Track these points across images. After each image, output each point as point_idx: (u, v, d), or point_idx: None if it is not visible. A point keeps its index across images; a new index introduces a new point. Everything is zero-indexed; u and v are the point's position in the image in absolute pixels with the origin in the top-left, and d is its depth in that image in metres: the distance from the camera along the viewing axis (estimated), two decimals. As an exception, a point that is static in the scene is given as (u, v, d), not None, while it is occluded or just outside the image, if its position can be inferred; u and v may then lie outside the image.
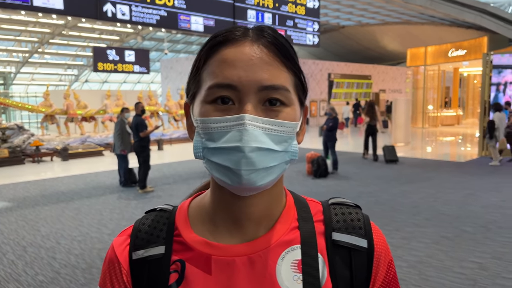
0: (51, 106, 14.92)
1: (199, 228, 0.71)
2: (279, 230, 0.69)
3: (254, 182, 0.61)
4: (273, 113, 0.63)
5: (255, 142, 0.60)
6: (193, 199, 0.78)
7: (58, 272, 4.33)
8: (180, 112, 18.39)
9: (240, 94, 0.62)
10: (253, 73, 0.62)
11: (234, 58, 0.62)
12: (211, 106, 0.63)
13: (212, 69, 0.64)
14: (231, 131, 0.61)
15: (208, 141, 0.63)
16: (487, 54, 12.68)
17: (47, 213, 6.62)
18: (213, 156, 0.63)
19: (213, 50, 0.65)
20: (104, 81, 31.31)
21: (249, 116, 0.60)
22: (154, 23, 8.53)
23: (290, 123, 0.64)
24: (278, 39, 0.65)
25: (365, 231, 0.71)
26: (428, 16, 21.07)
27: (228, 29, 0.67)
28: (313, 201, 0.76)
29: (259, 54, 0.63)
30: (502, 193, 7.41)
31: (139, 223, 0.75)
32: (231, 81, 0.61)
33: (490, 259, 4.41)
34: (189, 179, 9.27)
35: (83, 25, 20.22)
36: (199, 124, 0.64)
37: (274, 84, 0.62)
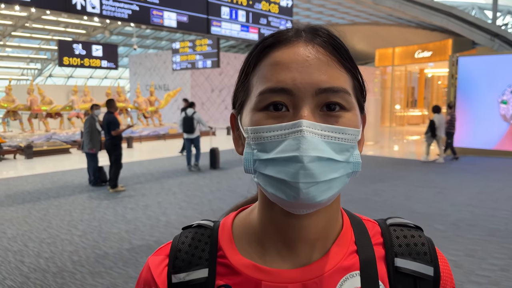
0: (13, 102, 14.31)
1: (245, 249, 0.64)
2: (336, 254, 0.63)
3: (313, 197, 0.54)
4: (332, 118, 0.56)
5: (314, 151, 0.53)
6: (236, 214, 0.70)
7: (27, 277, 4.14)
8: (150, 109, 18.05)
9: (295, 99, 0.56)
10: (309, 74, 0.56)
11: (288, 59, 0.57)
12: (263, 113, 0.57)
13: (263, 73, 0.58)
14: (286, 139, 0.54)
15: (260, 152, 0.57)
16: (452, 55, 13.08)
17: (13, 214, 6.33)
18: (266, 168, 0.56)
19: (264, 53, 0.59)
20: (69, 76, 30.38)
21: (306, 122, 0.54)
22: (125, 17, 8.28)
23: (352, 130, 0.57)
24: (334, 38, 0.60)
25: (430, 257, 0.64)
26: (396, 18, 21.52)
27: (279, 30, 0.61)
28: (369, 220, 0.69)
29: (315, 54, 0.57)
30: (469, 191, 7.65)
31: (178, 242, 0.67)
32: (285, 85, 0.56)
33: (464, 256, 4.53)
34: (161, 178, 9.10)
35: (47, 17, 19.48)
36: (249, 134, 0.58)
37: (333, 86, 0.56)
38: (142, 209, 6.57)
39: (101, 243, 5.06)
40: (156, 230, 5.56)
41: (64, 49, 15.75)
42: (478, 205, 6.66)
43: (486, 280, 3.94)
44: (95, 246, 4.96)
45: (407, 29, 24.09)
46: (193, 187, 8.21)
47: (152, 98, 18.35)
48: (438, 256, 0.65)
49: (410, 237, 0.66)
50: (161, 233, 5.42)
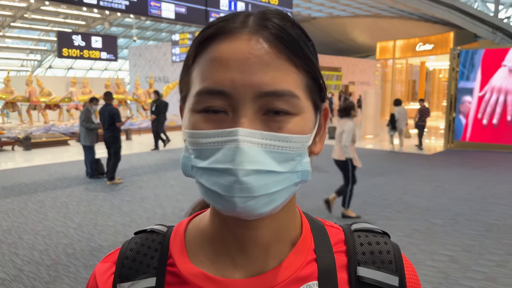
0: (12, 93, 14.25)
1: (198, 256, 0.60)
2: (293, 262, 0.58)
3: (252, 210, 0.49)
4: (276, 124, 0.50)
5: (251, 164, 0.48)
6: (191, 219, 0.65)
7: (21, 269, 4.12)
8: (149, 101, 17.98)
9: (234, 102, 0.50)
10: (250, 75, 0.49)
11: (227, 56, 0.50)
12: (201, 115, 0.52)
13: (202, 69, 0.52)
14: (222, 148, 0.49)
15: (196, 159, 0.52)
16: (454, 49, 12.97)
17: (9, 206, 6.30)
18: (201, 177, 0.51)
19: (204, 45, 0.53)
20: (69, 68, 30.29)
21: (243, 130, 0.48)
22: (123, 8, 8.20)
23: (299, 137, 0.51)
24: (285, 29, 0.52)
25: (396, 266, 0.59)
26: (397, 10, 21.36)
27: (225, 16, 0.54)
28: (332, 226, 0.64)
29: (258, 51, 0.50)
30: (468, 186, 7.61)
31: (126, 248, 0.62)
32: (222, 87, 0.50)
33: (461, 251, 4.50)
34: (159, 170, 9.06)
35: (46, 8, 19.34)
36: (187, 138, 0.53)
37: (277, 90, 0.50)
38: (139, 202, 6.54)
39: (96, 236, 5.04)
40: (152, 222, 5.53)
41: (63, 40, 15.66)
42: (477, 200, 6.62)
43: (482, 276, 3.91)
44: (90, 239, 4.94)
45: (408, 22, 23.94)
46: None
47: (152, 90, 18.25)
48: (404, 264, 0.60)
49: (375, 244, 0.61)
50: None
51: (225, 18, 0.54)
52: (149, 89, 18.26)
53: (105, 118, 7.70)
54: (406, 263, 0.61)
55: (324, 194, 6.95)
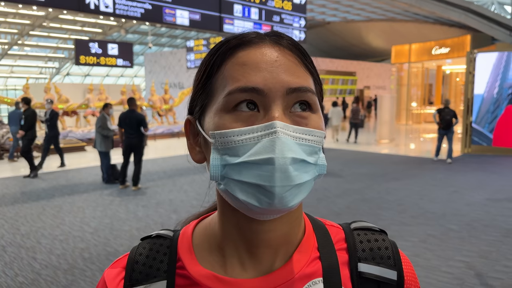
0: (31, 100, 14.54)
1: (206, 258, 0.62)
2: (299, 261, 0.61)
3: (287, 202, 0.52)
4: (302, 120, 0.56)
5: (290, 152, 0.51)
6: (197, 223, 0.68)
7: (39, 273, 4.19)
8: (164, 107, 18.17)
9: (266, 99, 0.54)
10: (279, 74, 0.55)
11: (256, 60, 0.56)
12: (231, 115, 0.55)
13: (231, 73, 0.56)
14: (259, 141, 0.52)
15: (230, 157, 0.54)
16: (470, 52, 12.81)
17: (27, 211, 6.43)
18: (238, 173, 0.53)
19: (229, 54, 0.57)
20: (86, 75, 30.78)
21: (280, 123, 0.52)
22: (138, 16, 8.34)
23: (320, 132, 0.56)
24: (298, 44, 0.60)
25: (394, 261, 0.63)
26: (412, 13, 21.21)
27: (240, 33, 0.60)
28: (332, 225, 0.68)
29: (283, 55, 0.57)
30: (486, 191, 7.49)
31: (135, 253, 0.65)
32: (256, 84, 0.54)
33: (477, 258, 4.43)
34: (174, 176, 9.14)
35: (64, 16, 19.75)
36: (217, 139, 0.55)
37: (303, 86, 0.56)
38: (154, 207, 6.61)
39: (112, 241, 5.11)
40: (166, 228, 5.58)
41: (80, 48, 15.97)
42: (494, 205, 6.51)
43: (499, 283, 3.84)
44: (106, 244, 5.01)
45: (424, 25, 23.73)
46: (204, 185, 8.22)
47: (167, 96, 18.46)
48: (401, 259, 0.65)
49: (373, 241, 0.65)
50: (171, 231, 5.44)
51: (242, 34, 0.59)
52: (164, 95, 18.46)
53: (131, 124, 7.69)
54: (403, 259, 0.65)
55: (338, 199, 6.93)
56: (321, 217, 0.71)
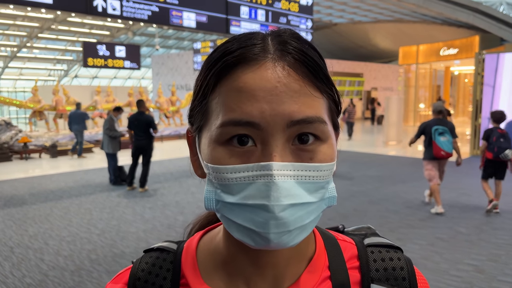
0: (39, 102, 14.68)
1: (211, 276, 0.59)
2: (308, 281, 0.57)
3: (285, 244, 0.49)
4: (306, 154, 0.49)
5: (287, 198, 0.47)
6: (201, 236, 0.64)
7: (46, 275, 4.21)
8: (171, 109, 18.22)
9: (264, 134, 0.48)
10: (279, 104, 0.48)
11: (254, 86, 0.48)
12: (225, 149, 0.49)
13: (225, 100, 0.49)
14: (254, 183, 0.47)
15: (224, 194, 0.50)
16: (479, 53, 12.70)
17: (35, 212, 6.47)
18: (231, 213, 0.50)
19: (225, 73, 0.50)
20: (94, 77, 30.97)
21: (277, 164, 0.47)
22: (145, 18, 8.37)
23: (328, 165, 0.51)
24: (307, 53, 0.51)
25: (409, 283, 0.59)
26: (420, 14, 21.10)
27: (242, 40, 0.51)
28: (345, 241, 0.64)
29: (285, 79, 0.48)
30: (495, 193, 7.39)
31: (137, 269, 0.62)
32: (251, 117, 0.48)
33: (486, 261, 4.38)
34: (181, 177, 9.16)
35: (72, 19, 19.91)
36: (211, 172, 0.51)
37: (308, 117, 0.49)
38: (160, 209, 6.62)
39: (118, 242, 5.12)
40: (173, 230, 5.59)
41: (88, 50, 16.09)
42: (504, 208, 6.43)
43: (508, 286, 3.79)
44: (112, 245, 5.02)
45: (432, 26, 23.59)
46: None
47: (174, 98, 18.52)
48: (417, 280, 0.60)
49: (388, 260, 0.61)
50: (178, 233, 5.44)
51: (244, 43, 0.51)
52: (172, 97, 18.52)
53: (140, 126, 7.71)
54: (419, 279, 0.61)
55: (347, 202, 6.89)
56: (328, 219, 0.69)
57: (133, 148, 7.91)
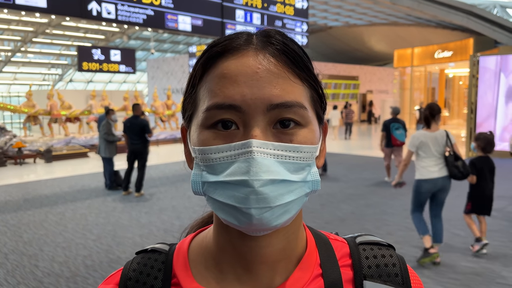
0: (34, 107, 14.59)
1: (202, 274, 0.59)
2: (300, 278, 0.58)
3: (268, 222, 0.50)
4: (286, 136, 0.52)
5: (266, 174, 0.49)
6: (193, 237, 0.65)
7: (41, 281, 4.16)
8: (167, 113, 18.18)
9: (245, 116, 0.51)
10: (259, 89, 0.51)
11: (236, 71, 0.51)
12: (211, 132, 0.52)
13: (210, 86, 0.53)
14: (236, 161, 0.50)
15: (209, 174, 0.52)
16: (474, 55, 12.77)
17: (30, 218, 6.41)
18: (215, 192, 0.52)
19: (210, 63, 0.54)
20: (89, 81, 30.87)
21: (257, 141, 0.49)
22: (140, 22, 8.35)
23: (308, 147, 0.53)
24: (288, 45, 0.54)
25: (402, 279, 0.60)
26: (414, 17, 21.20)
27: (229, 36, 0.56)
28: (336, 239, 0.64)
29: (266, 65, 0.52)
30: (491, 195, 7.40)
31: (129, 269, 0.62)
32: (233, 101, 0.51)
33: (484, 263, 4.37)
34: (177, 182, 9.11)
35: (67, 23, 19.83)
36: (197, 155, 0.53)
37: (286, 101, 0.51)
38: (157, 213, 6.57)
39: (114, 248, 5.07)
40: (169, 234, 5.55)
41: (83, 54, 16.01)
42: (501, 210, 6.44)
43: (507, 289, 3.78)
44: (108, 251, 4.97)
45: (426, 29, 23.71)
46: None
47: (169, 102, 18.48)
48: (410, 276, 0.61)
49: (380, 257, 0.61)
50: (175, 237, 5.40)
51: (229, 37, 0.55)
52: (167, 100, 18.48)
53: (135, 130, 7.68)
54: (412, 276, 0.61)
55: (343, 204, 6.88)
56: (326, 223, 0.68)
57: (128, 152, 7.87)
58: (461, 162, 4.29)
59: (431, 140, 4.34)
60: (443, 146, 4.34)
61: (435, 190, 4.45)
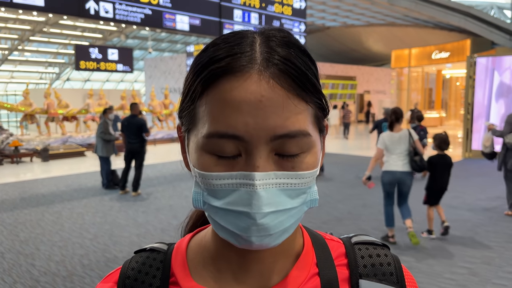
0: (31, 105, 14.55)
1: (200, 273, 0.60)
2: (297, 278, 0.58)
3: (267, 245, 0.51)
4: (288, 163, 0.51)
5: (268, 206, 0.49)
6: (192, 236, 0.66)
7: (38, 280, 4.15)
8: (164, 112, 18.16)
9: (247, 145, 0.49)
10: (263, 119, 0.49)
11: (239, 98, 0.49)
12: (211, 157, 0.51)
13: (211, 109, 0.50)
14: (237, 190, 0.50)
15: (210, 197, 0.52)
16: (471, 56, 12.81)
17: (27, 217, 6.39)
18: (216, 215, 0.52)
19: (212, 82, 0.51)
20: (86, 80, 30.80)
21: (259, 174, 0.49)
22: (138, 21, 8.33)
23: (310, 173, 0.52)
24: (292, 62, 0.51)
25: (397, 278, 0.60)
26: (412, 18, 21.25)
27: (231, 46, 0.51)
28: (332, 239, 0.65)
29: (269, 92, 0.49)
30: (487, 196, 7.45)
31: (127, 268, 0.62)
32: (236, 131, 0.49)
33: (480, 264, 4.39)
34: (174, 181, 9.11)
35: (64, 22, 19.78)
36: (198, 177, 0.53)
37: (291, 131, 0.50)
38: (154, 213, 6.57)
39: (111, 247, 5.07)
40: (166, 234, 5.55)
41: (80, 53, 15.97)
42: (497, 210, 6.47)
43: (503, 289, 3.80)
44: (105, 250, 4.97)
45: (423, 30, 23.77)
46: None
47: (167, 101, 18.47)
48: (404, 275, 0.62)
49: (375, 257, 0.62)
50: (171, 237, 5.40)
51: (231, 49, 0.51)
52: (164, 100, 18.46)
53: (132, 129, 7.67)
54: (406, 275, 0.62)
55: (340, 204, 6.89)
56: (322, 222, 0.69)
57: (125, 152, 7.87)
58: (419, 157, 4.98)
59: (396, 140, 5.01)
60: (407, 144, 4.98)
61: (396, 182, 5.08)
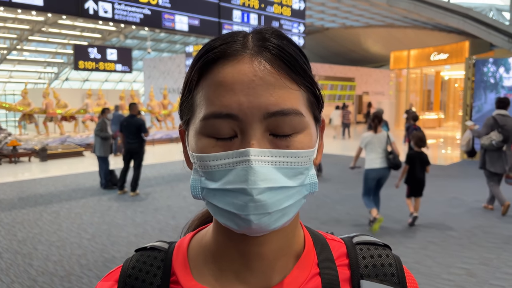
0: (29, 105, 14.53)
1: (201, 273, 0.60)
2: (298, 277, 0.58)
3: (266, 226, 0.51)
4: (283, 142, 0.52)
5: (264, 182, 0.49)
6: (193, 235, 0.65)
7: (35, 280, 4.14)
8: (163, 112, 18.15)
9: (242, 124, 0.51)
10: (256, 97, 0.51)
11: (232, 80, 0.51)
12: (209, 139, 0.53)
13: (207, 93, 0.53)
14: (234, 169, 0.50)
15: (208, 181, 0.53)
16: (469, 58, 12.83)
17: (24, 217, 6.38)
18: (214, 198, 0.53)
19: (207, 68, 0.54)
20: (85, 80, 30.77)
21: (254, 150, 0.50)
22: (137, 21, 8.33)
23: (305, 152, 0.53)
24: (284, 48, 0.54)
25: (398, 278, 0.60)
26: (411, 19, 21.27)
27: (225, 38, 0.55)
28: (333, 239, 0.65)
29: (261, 72, 0.51)
30: (486, 197, 7.44)
31: (128, 266, 0.62)
32: (230, 110, 0.51)
33: (478, 265, 4.39)
34: (173, 181, 9.10)
35: (63, 22, 19.76)
36: (196, 161, 0.54)
37: (283, 109, 0.51)
38: (152, 213, 6.56)
39: (109, 247, 5.06)
40: (164, 234, 5.54)
41: (79, 53, 15.96)
42: (494, 212, 6.48)
43: (501, 290, 3.81)
44: (103, 250, 4.96)
45: (422, 31, 23.80)
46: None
47: (166, 102, 18.45)
48: (406, 276, 0.62)
49: (377, 257, 0.62)
50: (169, 237, 5.39)
51: (226, 40, 0.54)
52: (163, 100, 18.45)
53: (131, 129, 7.66)
54: (407, 275, 0.62)
55: (338, 205, 6.89)
56: (321, 223, 0.68)
57: (124, 152, 7.86)
58: (393, 155, 5.61)
59: (376, 140, 5.63)
60: (384, 144, 5.63)
61: (378, 178, 5.66)
